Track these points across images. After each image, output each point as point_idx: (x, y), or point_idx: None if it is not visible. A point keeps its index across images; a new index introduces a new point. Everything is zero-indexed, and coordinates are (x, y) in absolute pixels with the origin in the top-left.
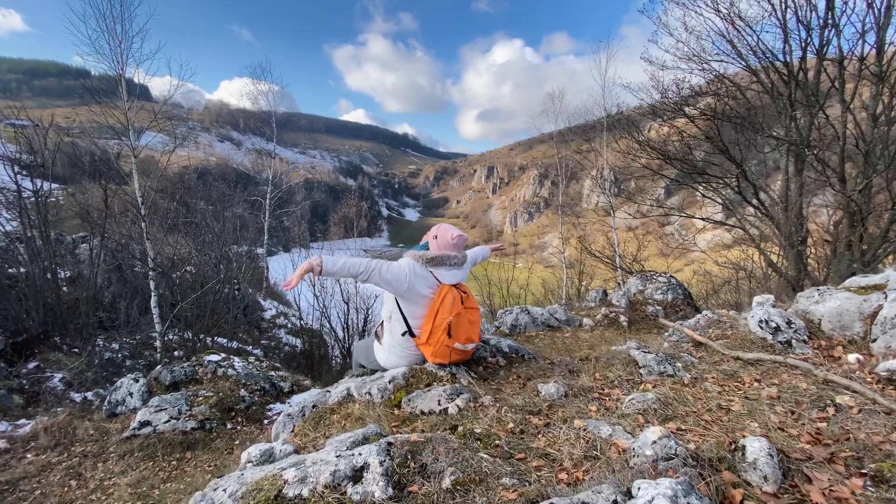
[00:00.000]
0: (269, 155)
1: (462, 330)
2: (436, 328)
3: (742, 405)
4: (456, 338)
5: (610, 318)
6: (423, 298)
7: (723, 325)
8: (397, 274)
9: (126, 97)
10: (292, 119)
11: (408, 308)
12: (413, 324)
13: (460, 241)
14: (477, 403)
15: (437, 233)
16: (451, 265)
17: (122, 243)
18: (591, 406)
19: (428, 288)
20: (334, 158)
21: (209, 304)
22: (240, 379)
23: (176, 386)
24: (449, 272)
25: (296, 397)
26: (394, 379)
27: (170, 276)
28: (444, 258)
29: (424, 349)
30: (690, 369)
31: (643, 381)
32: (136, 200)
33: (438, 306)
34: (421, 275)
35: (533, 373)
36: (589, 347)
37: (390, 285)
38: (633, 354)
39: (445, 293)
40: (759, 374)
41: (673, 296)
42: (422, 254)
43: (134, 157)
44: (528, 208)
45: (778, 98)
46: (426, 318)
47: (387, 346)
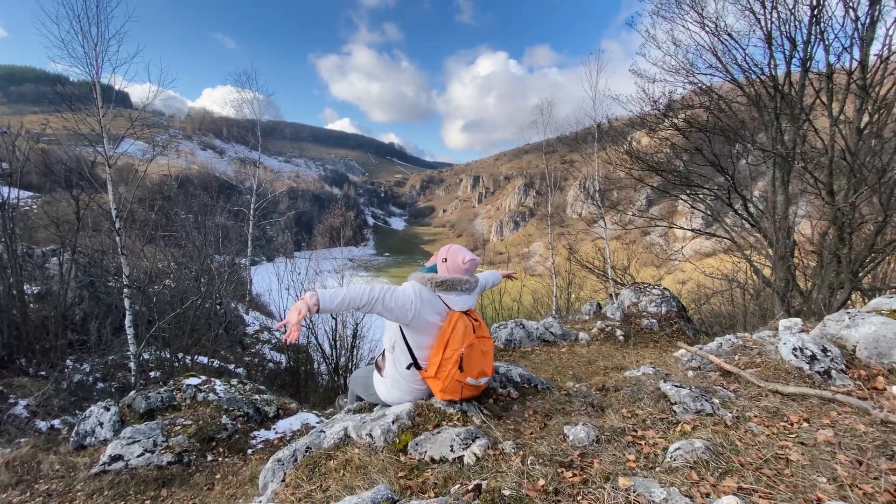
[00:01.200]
0: (253, 164)
1: (475, 363)
2: (445, 361)
3: (800, 453)
4: (468, 371)
5: (606, 333)
6: (431, 327)
7: (750, 352)
8: (402, 301)
9: (101, 103)
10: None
11: (413, 337)
12: (419, 354)
13: (472, 265)
14: (497, 451)
15: (446, 255)
16: (463, 290)
17: (94, 257)
18: (628, 455)
19: (436, 315)
20: (319, 167)
21: (189, 322)
22: (221, 404)
23: (151, 414)
24: (460, 298)
25: (282, 422)
26: (398, 418)
27: (146, 292)
28: (455, 283)
29: (432, 383)
30: (729, 406)
31: (679, 422)
32: (109, 212)
33: (449, 336)
34: (429, 300)
35: (550, 407)
36: (587, 363)
37: (394, 314)
38: (664, 388)
39: (456, 321)
40: (806, 411)
41: (667, 308)
42: (430, 277)
43: (109, 167)
44: (513, 217)
45: (764, 110)
46: (434, 349)
47: (389, 379)
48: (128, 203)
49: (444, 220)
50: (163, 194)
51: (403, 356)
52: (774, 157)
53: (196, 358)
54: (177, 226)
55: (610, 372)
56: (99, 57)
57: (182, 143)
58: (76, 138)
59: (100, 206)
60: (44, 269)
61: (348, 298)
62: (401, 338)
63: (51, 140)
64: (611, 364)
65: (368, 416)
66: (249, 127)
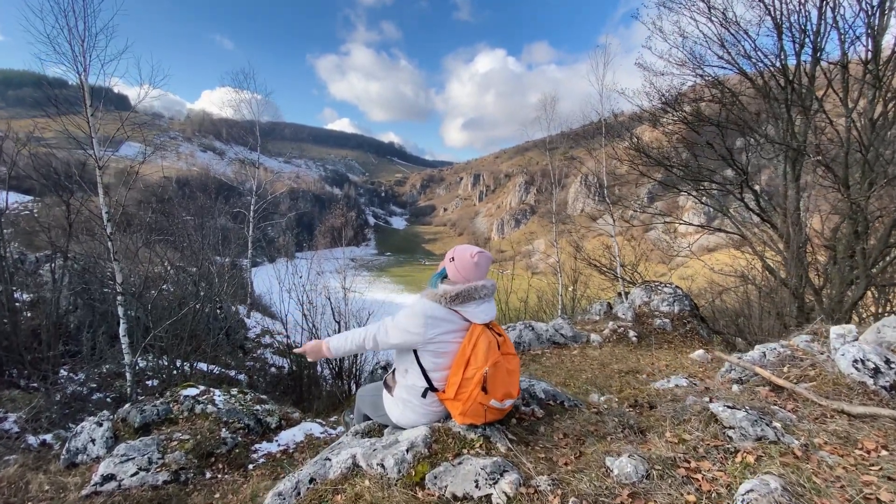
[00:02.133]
0: (252, 164)
1: (500, 383)
2: (466, 381)
3: (891, 492)
4: (492, 393)
5: (618, 334)
6: (449, 346)
7: (800, 363)
8: (406, 329)
9: (89, 101)
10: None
11: (429, 360)
12: (436, 376)
13: (483, 259)
14: (530, 489)
15: (453, 254)
16: (482, 297)
17: (88, 263)
18: (687, 495)
19: (454, 333)
20: (320, 167)
21: (187, 327)
22: (221, 416)
23: (147, 428)
24: (479, 308)
25: (284, 434)
26: (413, 445)
27: (142, 298)
28: (472, 291)
29: (451, 406)
30: (794, 431)
31: (738, 451)
32: (101, 216)
33: (470, 354)
34: (443, 318)
35: (581, 428)
36: (601, 366)
37: (402, 347)
38: (714, 409)
39: (478, 337)
40: (880, 435)
41: (679, 307)
42: (442, 293)
43: (99, 168)
44: (514, 215)
45: (774, 102)
46: (454, 369)
47: (400, 401)
48: (120, 206)
49: (445, 219)
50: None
51: (418, 380)
52: (786, 150)
53: (196, 365)
54: (176, 228)
55: (626, 377)
56: (86, 53)
57: (182, 146)
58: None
59: (90, 212)
60: (36, 275)
61: (352, 340)
62: (415, 362)
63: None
64: (625, 367)
65: (379, 441)
66: (249, 128)
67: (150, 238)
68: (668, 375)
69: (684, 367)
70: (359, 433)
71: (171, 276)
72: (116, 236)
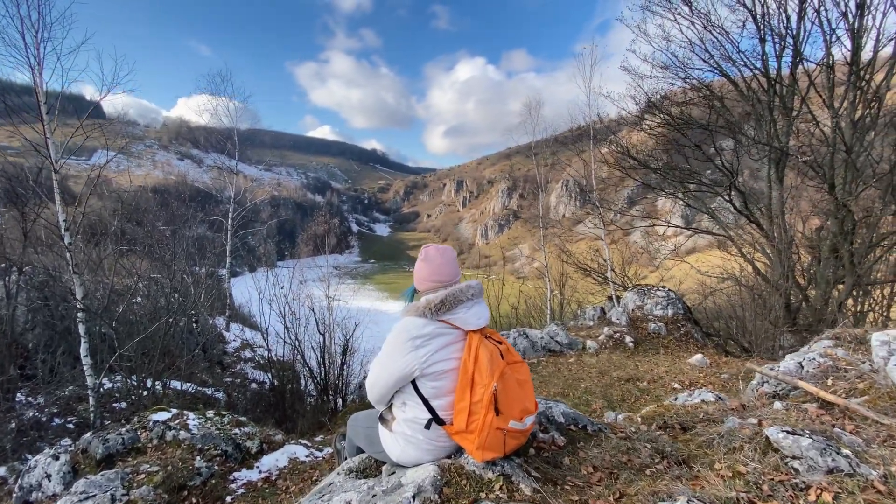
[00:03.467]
0: (231, 171)
1: (513, 398)
2: (476, 405)
3: None
4: (508, 412)
5: (615, 340)
6: (448, 364)
7: (845, 375)
8: (394, 361)
9: (44, 98)
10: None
11: (428, 387)
12: (439, 404)
13: (447, 254)
14: None
15: (424, 256)
16: (469, 298)
17: (47, 277)
18: None
19: (449, 348)
20: (301, 175)
21: (159, 344)
22: (195, 443)
23: (111, 460)
24: (471, 311)
25: (266, 459)
26: (420, 491)
27: (109, 313)
28: (458, 293)
29: (465, 441)
30: (865, 458)
31: (810, 486)
32: (57, 225)
33: (472, 370)
34: (434, 334)
35: (612, 458)
36: (599, 374)
37: (401, 381)
38: (772, 435)
39: (476, 347)
40: None
41: (673, 311)
42: (425, 303)
43: (55, 172)
44: (498, 221)
45: (757, 104)
46: (458, 394)
47: (401, 437)
48: (80, 215)
49: (429, 225)
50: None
51: (420, 412)
52: (770, 151)
53: (169, 384)
54: (148, 238)
55: (627, 384)
56: (41, 45)
57: (158, 154)
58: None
59: (46, 221)
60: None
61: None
62: (413, 392)
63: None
64: (624, 374)
65: (378, 483)
66: (227, 135)
67: (119, 248)
68: (690, 388)
69: (684, 373)
70: (353, 471)
71: (141, 289)
72: (80, 247)
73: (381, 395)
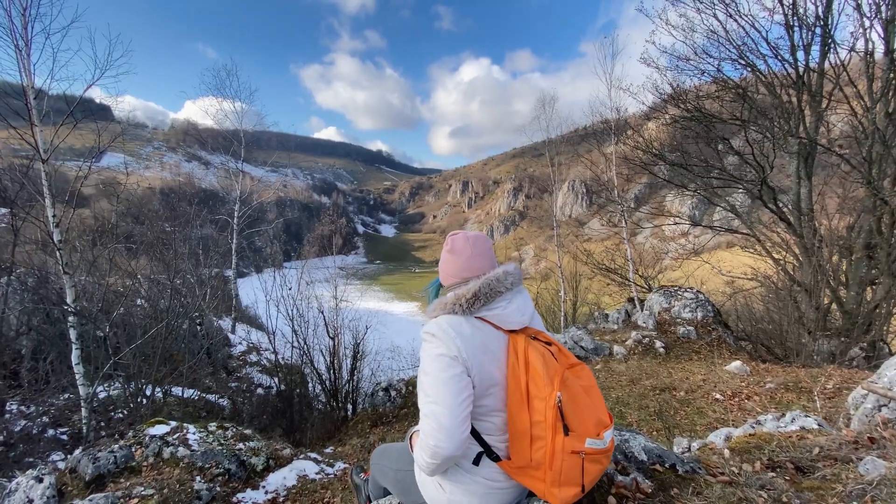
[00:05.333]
0: (238, 169)
1: (583, 409)
2: (537, 426)
3: None
4: (581, 429)
5: (644, 345)
6: (493, 375)
7: None
8: (443, 364)
9: (32, 79)
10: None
11: (475, 410)
12: (486, 427)
13: (479, 243)
14: None
15: (450, 245)
16: (509, 288)
17: (41, 279)
18: None
19: (490, 354)
20: (307, 176)
21: (160, 348)
22: (195, 461)
23: (101, 481)
24: (512, 306)
25: (273, 477)
26: None
27: (107, 316)
28: (495, 283)
29: (532, 480)
30: None
31: None
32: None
33: (525, 380)
34: (474, 335)
35: None
36: (630, 383)
37: (462, 389)
38: None
39: (525, 349)
40: None
41: (703, 314)
42: (454, 298)
43: (43, 162)
44: (503, 221)
45: (785, 97)
46: (512, 416)
47: (446, 481)
48: (70, 210)
49: (435, 226)
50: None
51: (468, 443)
52: (799, 145)
53: (171, 390)
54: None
55: (662, 395)
56: (29, 25)
57: (166, 156)
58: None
59: (35, 218)
60: None
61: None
62: None
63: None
64: (658, 383)
65: None
66: (234, 136)
67: (116, 245)
68: (733, 399)
69: (724, 382)
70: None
71: (142, 291)
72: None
73: (455, 432)
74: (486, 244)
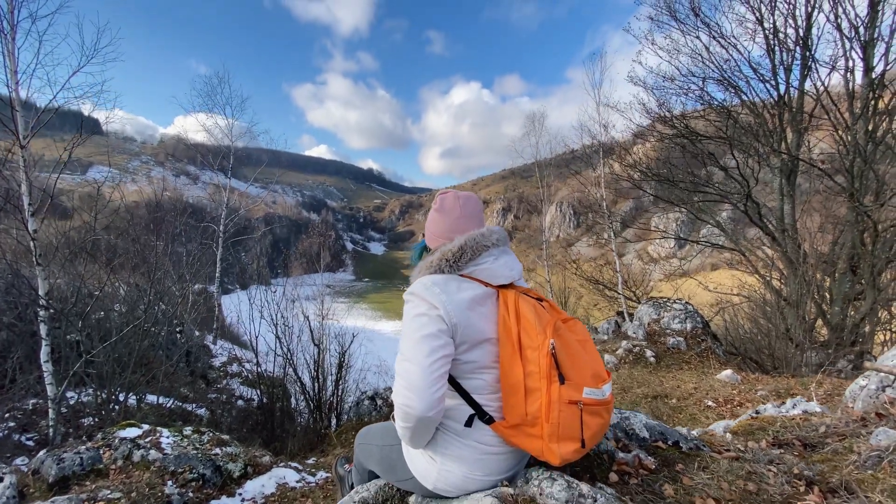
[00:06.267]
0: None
1: (580, 359)
2: (533, 378)
3: None
4: (577, 377)
5: (635, 354)
6: (481, 331)
7: None
8: (425, 323)
9: (16, 65)
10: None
11: (460, 363)
12: (475, 386)
13: (470, 204)
14: None
15: (440, 203)
16: (495, 244)
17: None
18: None
19: (480, 307)
20: (297, 193)
21: (136, 352)
22: (167, 464)
23: (65, 483)
24: (498, 260)
25: (251, 484)
26: None
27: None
28: (479, 239)
29: (529, 439)
30: None
31: None
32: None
33: (517, 330)
34: (464, 291)
35: (729, 487)
36: (621, 391)
37: (442, 349)
38: None
39: (514, 302)
40: None
41: (692, 325)
42: (440, 255)
43: (22, 148)
44: None
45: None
46: (504, 369)
47: (436, 451)
48: (48, 197)
49: None
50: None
51: (454, 405)
52: (781, 162)
53: (145, 397)
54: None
55: (655, 402)
56: (15, 10)
57: (154, 170)
58: None
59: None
60: None
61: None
62: None
63: None
64: (650, 391)
65: None
66: (224, 152)
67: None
68: (726, 405)
69: (715, 390)
70: (367, 502)
71: (120, 295)
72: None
73: (425, 392)
74: (477, 205)
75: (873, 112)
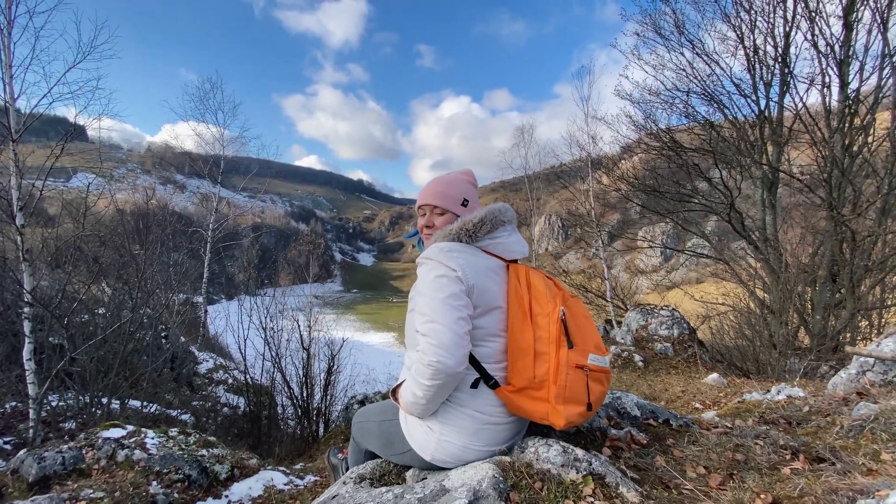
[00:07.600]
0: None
1: (585, 329)
2: (542, 342)
3: None
4: (584, 346)
5: (623, 359)
6: (494, 297)
7: None
8: (444, 284)
9: (11, 59)
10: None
11: (474, 333)
12: (483, 353)
13: (470, 177)
14: None
15: (472, 178)
16: (509, 220)
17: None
18: None
19: (496, 277)
20: (286, 203)
21: (119, 355)
22: (152, 465)
23: (46, 482)
24: (511, 237)
25: (238, 486)
26: (478, 497)
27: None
28: (498, 213)
29: (534, 403)
30: None
31: None
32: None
33: (529, 300)
34: (480, 259)
35: (718, 457)
36: None
37: (459, 310)
38: None
39: (525, 274)
40: None
41: (679, 331)
42: (459, 225)
43: (13, 141)
44: None
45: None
46: (514, 335)
47: (437, 419)
48: (35, 195)
49: (414, 255)
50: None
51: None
52: (762, 174)
53: (127, 402)
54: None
55: None
56: (13, 5)
57: (140, 178)
58: None
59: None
60: None
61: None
62: None
63: None
64: (639, 394)
65: (409, 492)
66: (213, 161)
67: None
68: (713, 407)
69: (703, 393)
70: (365, 478)
71: (105, 296)
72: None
73: (455, 348)
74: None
75: (849, 127)
